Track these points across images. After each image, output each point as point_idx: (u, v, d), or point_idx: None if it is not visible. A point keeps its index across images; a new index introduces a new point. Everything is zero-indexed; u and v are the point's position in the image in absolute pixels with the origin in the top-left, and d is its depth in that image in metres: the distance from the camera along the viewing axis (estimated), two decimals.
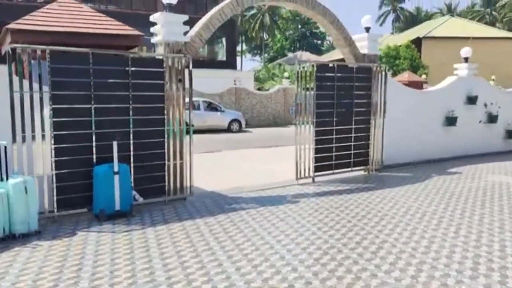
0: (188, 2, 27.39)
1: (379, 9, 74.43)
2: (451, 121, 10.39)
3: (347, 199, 6.90)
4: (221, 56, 29.56)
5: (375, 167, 9.13)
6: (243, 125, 20.85)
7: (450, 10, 68.37)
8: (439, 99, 10.36)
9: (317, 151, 8.24)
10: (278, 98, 24.56)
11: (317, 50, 74.66)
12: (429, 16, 67.39)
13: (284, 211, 6.22)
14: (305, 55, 67.81)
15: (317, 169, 8.29)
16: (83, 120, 5.75)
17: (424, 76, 29.36)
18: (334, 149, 8.48)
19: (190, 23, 6.99)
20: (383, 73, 9.00)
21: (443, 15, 66.04)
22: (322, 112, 8.26)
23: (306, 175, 8.20)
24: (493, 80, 31.27)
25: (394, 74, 29.48)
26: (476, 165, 10.07)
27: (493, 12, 60.66)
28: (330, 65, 8.46)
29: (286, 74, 26.12)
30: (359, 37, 9.05)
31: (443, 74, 30.61)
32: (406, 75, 27.56)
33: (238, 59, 63.38)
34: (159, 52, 6.70)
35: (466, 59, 10.83)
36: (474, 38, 35.88)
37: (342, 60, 9.29)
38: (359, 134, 8.81)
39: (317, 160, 8.26)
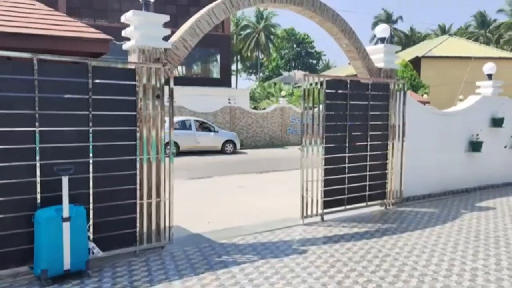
0: (168, 3, 26.17)
1: (372, 30, 74.44)
2: (476, 146, 9.05)
3: (368, 248, 5.45)
4: (215, 73, 28.36)
5: (393, 200, 7.72)
6: (238, 146, 19.46)
7: (444, 31, 68.31)
8: (462, 121, 9.04)
9: (327, 182, 6.83)
10: (275, 118, 23.26)
11: (313, 70, 74.16)
12: (423, 37, 67.28)
13: (290, 267, 4.76)
14: (300, 74, 67.26)
15: (326, 204, 6.86)
16: (23, 148, 4.31)
17: (426, 96, 28.30)
18: (346, 180, 7.07)
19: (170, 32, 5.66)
20: (402, 91, 7.69)
21: (437, 36, 65.95)
22: (333, 136, 6.89)
23: (314, 212, 6.76)
24: (460, 100, 30.36)
25: None
26: (507, 198, 8.68)
27: (487, 34, 60.59)
28: (343, 80, 7.12)
29: (283, 93, 24.91)
30: (374, 48, 7.76)
31: (443, 94, 29.57)
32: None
33: (233, 78, 62.66)
34: (132, 60, 5.32)
35: (489, 76, 9.57)
36: (475, 58, 35.12)
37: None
38: (375, 162, 7.42)
39: (327, 194, 6.84)
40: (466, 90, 31.11)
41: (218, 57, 27.14)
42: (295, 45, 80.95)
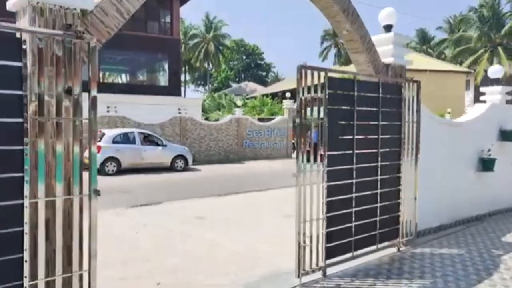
0: None
1: (321, 44, 75.22)
2: (488, 164, 7.47)
3: None
4: (163, 81, 25.80)
5: (405, 239, 5.85)
6: (190, 161, 17.07)
7: None
8: (470, 134, 7.44)
9: (330, 221, 4.79)
10: (230, 130, 21.13)
11: (262, 82, 73.32)
12: None
13: None
14: (251, 85, 65.88)
15: (330, 253, 4.82)
16: None
17: None
18: (354, 216, 5.09)
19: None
20: (415, 94, 5.89)
21: None
22: (338, 156, 4.90)
23: (314, 265, 4.68)
24: (449, 113, 30.28)
25: None
26: None
27: (429, 50, 62.77)
28: (349, 79, 5.15)
29: (239, 103, 22.87)
30: (381, 38, 5.92)
31: None
32: None
33: (182, 89, 59.82)
34: (22, 25, 3.00)
35: (496, 81, 8.11)
36: (430, 70, 35.36)
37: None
38: (386, 189, 5.52)
39: (330, 237, 4.80)
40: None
41: (166, 63, 24.63)
42: (244, 57, 79.80)
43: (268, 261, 5.30)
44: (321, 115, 4.75)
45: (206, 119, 26.43)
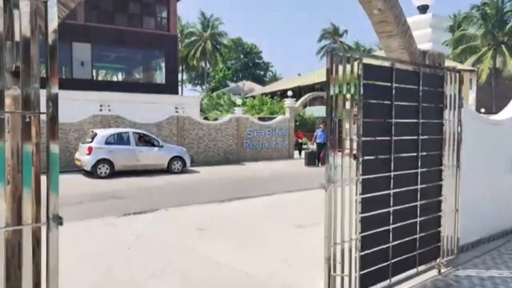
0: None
1: (319, 42, 74.51)
2: None
3: None
4: (160, 79, 24.82)
5: (446, 259, 4.93)
6: (188, 163, 16.11)
7: None
8: (508, 132, 6.53)
9: (364, 242, 3.86)
10: (230, 130, 20.18)
11: (260, 81, 72.49)
12: (368, 51, 67.80)
13: None
14: (248, 84, 64.96)
15: (364, 281, 3.88)
16: None
17: None
18: (391, 235, 4.16)
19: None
20: (458, 88, 4.96)
21: (381, 49, 66.53)
22: (374, 161, 3.97)
23: None
24: None
25: None
26: None
27: None
28: (385, 66, 4.20)
29: (238, 101, 21.91)
30: (417, 20, 4.99)
31: None
32: None
33: (179, 88, 58.71)
34: None
35: None
36: None
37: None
38: (427, 200, 4.59)
39: (365, 262, 3.87)
40: None
41: (163, 60, 23.63)
42: (242, 56, 78.83)
43: (282, 285, 4.38)
44: (353, 110, 3.82)
45: (205, 118, 25.50)
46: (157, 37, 22.62)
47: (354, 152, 3.81)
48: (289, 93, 23.01)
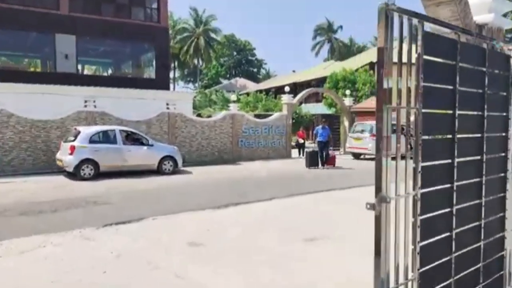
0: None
1: (313, 39, 73.73)
2: None
3: None
4: (150, 73, 23.57)
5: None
6: (180, 163, 14.96)
7: None
8: None
9: (424, 281, 2.76)
10: (225, 127, 19.04)
11: (254, 79, 71.49)
12: (362, 48, 67.05)
13: None
14: (241, 81, 63.82)
15: None
16: None
17: None
18: (453, 267, 3.08)
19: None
20: None
21: (374, 46, 65.63)
22: (434, 170, 2.88)
23: None
24: None
25: (358, 100, 25.52)
26: None
27: None
28: (447, 37, 3.10)
29: (233, 97, 20.75)
30: None
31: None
32: (373, 102, 23.58)
33: (170, 86, 57.28)
34: None
35: None
36: None
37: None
38: (490, 218, 3.52)
39: None
40: None
41: (153, 53, 22.34)
42: (235, 53, 77.63)
43: None
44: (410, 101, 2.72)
45: (198, 115, 24.33)
46: (147, 29, 21.35)
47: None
48: (286, 88, 21.91)
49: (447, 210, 3.00)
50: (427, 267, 2.81)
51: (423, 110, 2.73)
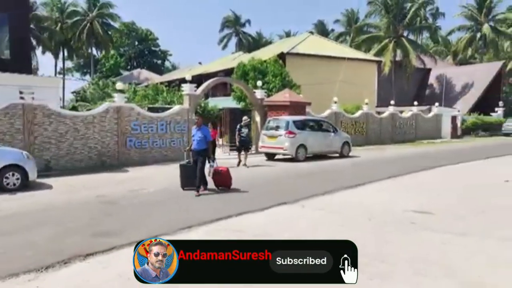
0: None
1: (220, 31, 71.20)
2: None
3: None
4: (2, 51, 18.11)
5: None
6: (32, 175, 10.59)
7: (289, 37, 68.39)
8: None
9: None
10: (108, 123, 14.83)
11: (158, 71, 66.40)
12: (269, 42, 65.88)
13: None
14: (145, 73, 58.35)
15: None
16: None
17: (301, 96, 23.43)
18: None
19: None
20: None
21: (281, 38, 64.82)
22: None
23: None
24: (367, 104, 27.48)
25: (269, 93, 22.84)
26: None
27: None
28: None
29: (119, 86, 16.49)
30: None
31: (312, 94, 25.46)
32: (286, 94, 20.96)
33: (60, 77, 49.66)
34: None
35: None
36: (349, 58, 32.54)
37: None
38: None
39: None
40: (336, 90, 27.93)
41: (6, 24, 17.03)
42: (136, 42, 71.58)
43: None
44: None
45: (74, 108, 19.55)
46: None
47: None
48: (188, 77, 18.28)
49: None
50: None
51: None
